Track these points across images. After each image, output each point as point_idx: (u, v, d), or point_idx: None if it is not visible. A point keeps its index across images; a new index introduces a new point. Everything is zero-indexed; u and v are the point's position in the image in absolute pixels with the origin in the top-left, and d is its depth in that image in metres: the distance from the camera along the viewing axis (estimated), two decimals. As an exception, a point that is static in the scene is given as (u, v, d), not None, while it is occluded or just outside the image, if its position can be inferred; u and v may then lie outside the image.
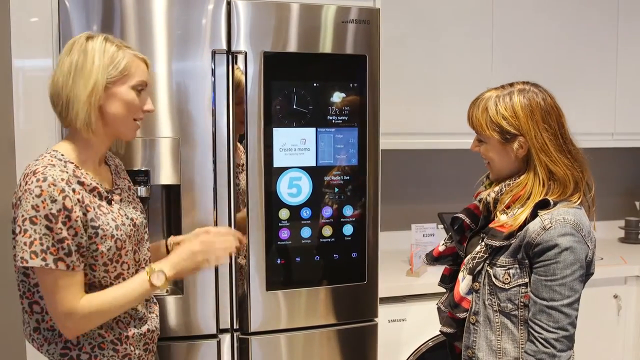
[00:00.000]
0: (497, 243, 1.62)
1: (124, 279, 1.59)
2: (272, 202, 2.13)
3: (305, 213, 2.17)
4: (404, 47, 2.80)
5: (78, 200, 1.48)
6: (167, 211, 2.12)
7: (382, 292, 2.36)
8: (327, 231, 2.20)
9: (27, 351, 2.05)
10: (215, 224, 2.06)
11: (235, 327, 2.15)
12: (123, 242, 1.58)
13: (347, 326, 2.27)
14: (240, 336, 2.15)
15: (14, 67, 1.99)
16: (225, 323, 2.12)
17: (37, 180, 1.44)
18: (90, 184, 1.55)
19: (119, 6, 1.94)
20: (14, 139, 2.01)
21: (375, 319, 2.32)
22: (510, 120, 1.60)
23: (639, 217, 3.55)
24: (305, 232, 2.18)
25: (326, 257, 2.22)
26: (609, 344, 2.97)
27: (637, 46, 3.21)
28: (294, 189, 2.15)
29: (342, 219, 2.22)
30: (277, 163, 2.12)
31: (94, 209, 1.53)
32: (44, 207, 1.43)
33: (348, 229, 2.23)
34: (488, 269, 1.65)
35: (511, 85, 1.66)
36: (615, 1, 3.15)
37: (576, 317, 1.57)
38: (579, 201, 1.62)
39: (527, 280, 1.59)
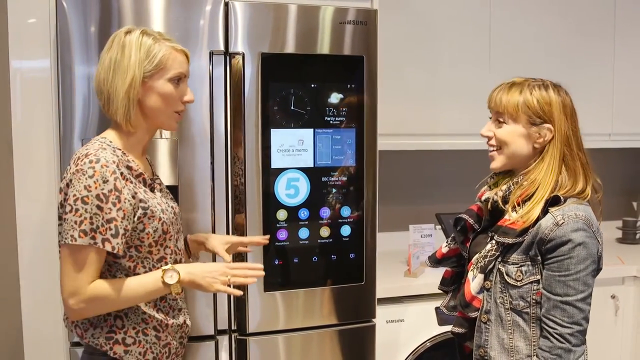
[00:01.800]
0: (510, 240, 1.62)
1: (165, 263, 1.62)
2: (270, 203, 2.13)
3: (303, 214, 2.17)
4: (401, 48, 2.80)
5: (126, 183, 1.52)
6: (165, 212, 2.13)
7: (380, 292, 2.36)
8: (325, 232, 2.20)
9: (25, 350, 2.05)
10: (213, 225, 2.06)
11: (233, 328, 2.15)
12: (168, 226, 1.62)
13: (345, 327, 2.27)
14: (238, 337, 2.15)
15: (12, 68, 1.99)
16: (223, 324, 2.12)
17: (90, 162, 1.48)
18: (137, 169, 1.59)
19: (116, 7, 1.94)
20: (11, 139, 2.01)
21: (373, 320, 2.32)
22: (545, 106, 1.63)
23: (637, 217, 3.55)
24: (303, 233, 2.18)
25: (324, 258, 2.22)
26: (607, 344, 2.97)
27: (635, 47, 3.22)
28: (292, 190, 2.15)
29: (340, 220, 2.22)
30: (274, 164, 2.13)
31: (142, 192, 1.57)
32: (95, 187, 1.46)
33: (346, 230, 2.23)
34: (500, 266, 1.65)
35: (541, 80, 1.69)
36: (612, 2, 3.16)
37: (589, 312, 1.59)
38: (587, 198, 1.64)
39: (539, 277, 1.60)
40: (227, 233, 2.09)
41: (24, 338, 2.04)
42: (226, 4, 2.05)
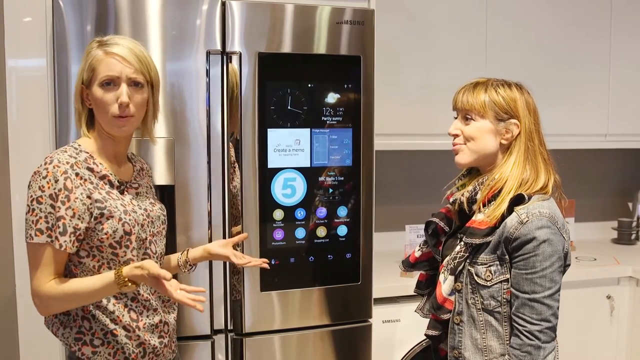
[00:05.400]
0: (477, 241, 1.64)
1: None
2: (267, 202, 2.13)
3: (300, 214, 2.17)
4: (398, 48, 2.80)
5: (81, 183, 1.54)
6: (161, 212, 2.12)
7: (376, 292, 2.36)
8: (321, 232, 2.20)
9: (20, 350, 2.04)
10: (210, 225, 2.06)
11: (229, 328, 2.15)
12: (132, 227, 1.61)
13: (341, 327, 2.27)
14: (234, 337, 2.15)
15: (8, 67, 1.99)
16: (219, 324, 2.12)
17: (45, 164, 1.53)
18: (101, 171, 1.61)
19: (113, 6, 1.94)
20: (7, 138, 2.00)
21: (370, 320, 2.32)
22: (510, 102, 1.66)
23: (632, 218, 3.56)
24: (300, 233, 2.18)
25: (320, 257, 2.22)
26: (602, 344, 2.98)
27: (630, 47, 3.23)
28: (289, 190, 2.15)
29: (336, 220, 2.22)
30: (271, 164, 2.12)
31: (102, 193, 1.58)
32: (48, 187, 1.51)
33: (342, 230, 2.23)
34: (469, 267, 1.66)
35: (503, 80, 1.72)
36: (609, 3, 3.16)
37: (558, 308, 1.60)
38: (549, 192, 1.66)
39: (508, 276, 1.62)
40: (223, 233, 2.09)
41: (19, 337, 2.04)
42: (223, 4, 2.04)
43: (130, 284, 1.51)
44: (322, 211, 2.20)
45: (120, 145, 1.68)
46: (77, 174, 1.54)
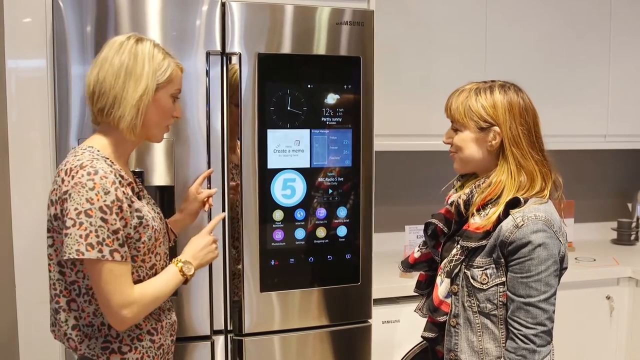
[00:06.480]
0: (472, 244, 1.64)
1: (155, 271, 1.63)
2: (266, 203, 2.13)
3: (299, 214, 2.17)
4: (397, 49, 2.80)
5: (124, 192, 1.52)
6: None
7: (376, 293, 2.36)
8: (321, 232, 2.21)
9: (20, 351, 2.04)
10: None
11: (229, 329, 2.15)
12: (159, 233, 1.63)
13: (341, 327, 2.27)
14: (234, 337, 2.15)
15: (8, 67, 1.99)
16: (219, 324, 2.12)
17: (89, 174, 1.46)
18: (127, 178, 1.58)
19: (113, 7, 1.94)
20: (7, 139, 2.00)
21: (369, 320, 2.32)
22: (489, 110, 1.64)
23: (632, 218, 3.56)
24: (299, 234, 2.18)
25: (320, 258, 2.22)
26: (602, 344, 2.98)
27: (630, 48, 3.23)
28: (288, 191, 2.15)
29: (336, 220, 2.22)
30: (271, 164, 2.13)
31: (134, 201, 1.57)
32: (98, 200, 1.45)
33: (342, 230, 2.23)
34: (465, 270, 1.66)
35: (492, 81, 1.70)
36: (608, 5, 3.17)
37: (553, 312, 1.59)
38: (548, 194, 1.65)
39: (504, 279, 1.61)
40: (224, 233, 2.09)
41: (19, 339, 2.04)
42: (223, 5, 2.05)
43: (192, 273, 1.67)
44: (321, 212, 2.20)
45: (134, 148, 1.70)
46: (120, 182, 1.52)
